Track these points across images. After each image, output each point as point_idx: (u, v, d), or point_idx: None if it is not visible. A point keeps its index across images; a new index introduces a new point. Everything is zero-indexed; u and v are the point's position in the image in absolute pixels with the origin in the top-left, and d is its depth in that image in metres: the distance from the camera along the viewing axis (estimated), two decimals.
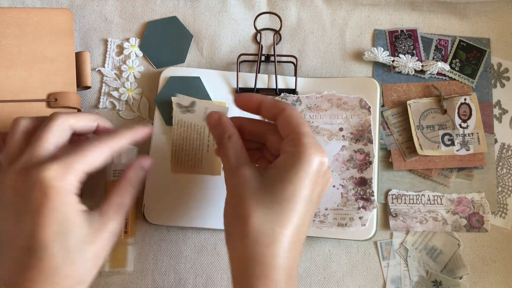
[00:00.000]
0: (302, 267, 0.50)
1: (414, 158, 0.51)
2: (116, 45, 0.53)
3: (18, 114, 0.46)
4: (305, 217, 0.37)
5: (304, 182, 0.37)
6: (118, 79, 0.53)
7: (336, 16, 0.55)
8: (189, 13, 0.54)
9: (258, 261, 0.36)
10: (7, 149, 0.39)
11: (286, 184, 0.37)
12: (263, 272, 0.36)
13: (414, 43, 0.54)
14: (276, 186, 0.37)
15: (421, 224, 0.51)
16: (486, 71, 0.54)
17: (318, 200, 0.39)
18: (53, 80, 0.48)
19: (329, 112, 0.50)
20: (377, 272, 0.51)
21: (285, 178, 0.37)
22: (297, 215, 0.37)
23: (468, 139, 0.51)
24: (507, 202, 0.52)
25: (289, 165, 0.38)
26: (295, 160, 0.37)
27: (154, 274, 0.50)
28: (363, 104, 0.50)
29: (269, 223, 0.36)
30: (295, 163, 0.37)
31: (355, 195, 0.49)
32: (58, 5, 0.54)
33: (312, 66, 0.54)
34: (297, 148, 0.38)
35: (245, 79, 0.52)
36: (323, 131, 0.50)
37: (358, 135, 0.50)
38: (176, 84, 0.51)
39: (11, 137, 0.39)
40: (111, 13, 0.54)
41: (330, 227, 0.49)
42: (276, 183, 0.37)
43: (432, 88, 0.53)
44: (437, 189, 0.51)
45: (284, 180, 0.37)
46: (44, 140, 0.37)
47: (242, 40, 0.54)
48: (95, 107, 0.52)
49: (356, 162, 0.49)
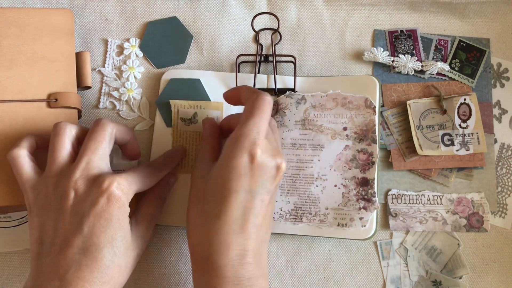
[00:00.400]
0: (302, 267, 0.51)
1: (414, 158, 0.51)
2: (116, 45, 0.53)
3: (18, 114, 0.47)
4: (245, 207, 0.38)
5: (232, 175, 0.38)
6: (118, 79, 0.53)
7: (336, 16, 0.55)
8: (189, 14, 0.54)
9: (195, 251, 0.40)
10: (57, 154, 0.41)
11: (219, 178, 0.39)
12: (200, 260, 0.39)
13: (414, 43, 0.54)
14: (213, 180, 0.40)
15: (421, 224, 0.51)
16: (486, 71, 0.54)
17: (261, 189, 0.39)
18: (54, 80, 0.48)
19: (333, 111, 0.50)
20: (377, 272, 0.51)
21: (219, 172, 0.39)
22: (230, 205, 0.38)
23: (467, 139, 0.51)
24: (506, 202, 0.52)
25: (223, 159, 0.40)
26: (226, 154, 0.39)
27: (154, 274, 0.50)
28: (368, 104, 0.50)
29: (203, 214, 0.39)
30: (226, 157, 0.39)
31: (357, 195, 0.49)
32: (58, 5, 0.54)
33: (312, 66, 0.54)
34: (230, 141, 0.39)
35: (244, 79, 0.52)
36: (327, 130, 0.50)
37: (362, 134, 0.50)
38: (177, 86, 0.51)
39: (58, 143, 0.41)
40: (111, 13, 0.54)
41: (330, 227, 0.49)
42: (214, 178, 0.40)
43: (432, 88, 0.53)
44: (437, 189, 0.52)
45: (217, 175, 0.39)
46: (100, 149, 0.41)
47: (242, 40, 0.54)
48: (95, 107, 0.52)
49: (359, 162, 0.49)
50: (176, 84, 0.51)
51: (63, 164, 0.41)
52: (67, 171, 0.40)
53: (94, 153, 0.40)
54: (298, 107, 0.51)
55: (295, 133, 0.50)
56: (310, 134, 0.50)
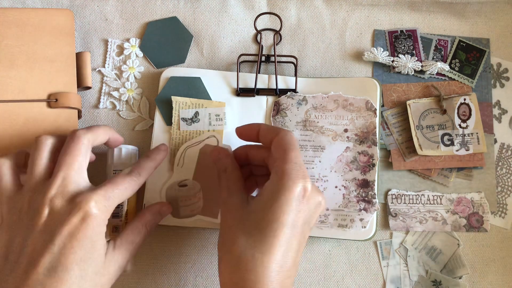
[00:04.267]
0: (302, 267, 0.51)
1: (414, 158, 0.52)
2: (117, 45, 0.53)
3: (18, 114, 0.47)
4: (290, 243, 0.37)
5: (283, 208, 0.37)
6: (119, 79, 0.53)
7: (336, 16, 0.55)
8: (189, 14, 0.54)
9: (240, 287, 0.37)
10: (34, 169, 0.40)
11: (266, 211, 0.38)
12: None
13: (414, 43, 0.54)
14: (258, 213, 0.38)
15: (420, 224, 0.51)
16: (485, 71, 0.54)
17: (304, 225, 0.39)
18: (54, 80, 0.48)
19: (334, 112, 0.50)
20: (377, 272, 0.51)
21: (266, 205, 0.38)
22: (279, 241, 0.37)
23: (467, 139, 0.51)
24: (506, 202, 0.52)
25: (270, 192, 0.38)
26: (276, 187, 0.38)
27: (154, 274, 0.50)
28: (369, 106, 0.50)
29: (250, 250, 0.37)
30: (275, 190, 0.38)
31: (357, 197, 0.49)
32: (59, 5, 0.54)
33: (312, 66, 0.54)
34: (278, 175, 0.38)
35: (245, 79, 0.52)
36: (328, 132, 0.50)
37: (362, 136, 0.50)
38: (177, 84, 0.51)
39: (36, 157, 0.40)
40: (111, 13, 0.54)
41: (330, 228, 0.49)
42: (259, 211, 0.38)
43: (431, 88, 0.53)
44: (437, 189, 0.52)
45: (265, 208, 0.38)
46: (76, 163, 0.39)
47: (242, 40, 0.54)
48: (95, 107, 0.52)
49: (359, 164, 0.49)
50: (176, 82, 0.51)
51: (39, 179, 0.39)
52: (43, 187, 0.38)
53: (70, 168, 0.38)
54: (299, 108, 0.51)
55: (296, 134, 0.50)
56: (311, 135, 0.50)
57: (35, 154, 0.40)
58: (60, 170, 0.38)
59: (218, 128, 0.50)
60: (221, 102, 0.51)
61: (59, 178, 0.38)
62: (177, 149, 0.50)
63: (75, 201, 0.37)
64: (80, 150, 0.39)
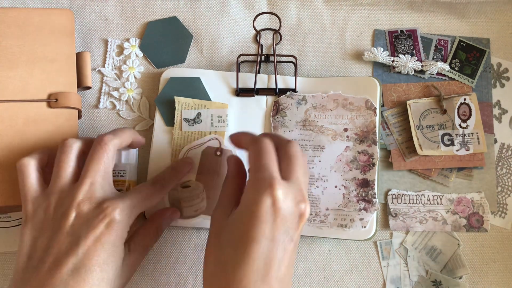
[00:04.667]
0: (302, 267, 0.51)
1: (414, 158, 0.51)
2: (116, 45, 0.53)
3: (18, 114, 0.47)
4: (266, 258, 0.35)
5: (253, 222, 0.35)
6: (118, 79, 0.53)
7: (336, 16, 0.55)
8: (189, 14, 0.54)
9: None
10: (61, 173, 0.41)
11: (238, 224, 0.37)
12: None
13: (414, 43, 0.54)
14: (228, 226, 0.38)
15: (420, 224, 0.51)
16: (485, 71, 0.54)
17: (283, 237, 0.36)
18: (54, 80, 0.48)
19: (334, 112, 0.50)
20: (377, 272, 0.51)
21: (238, 218, 0.37)
22: (249, 256, 0.35)
23: (467, 139, 0.51)
24: (506, 202, 0.52)
25: (242, 204, 0.38)
26: (245, 200, 0.38)
27: (154, 274, 0.50)
28: (369, 105, 0.50)
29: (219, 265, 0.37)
30: (244, 203, 0.37)
31: (357, 197, 0.49)
32: (59, 5, 0.54)
33: (312, 66, 0.54)
34: (247, 187, 0.38)
35: (245, 79, 0.52)
36: (328, 131, 0.50)
37: (362, 136, 0.50)
38: (177, 85, 0.51)
39: (63, 160, 0.41)
40: (111, 13, 0.54)
41: (330, 227, 0.49)
42: (230, 223, 0.38)
43: (432, 88, 0.53)
44: (437, 189, 0.52)
45: (237, 221, 0.37)
46: (102, 168, 0.40)
47: (242, 40, 0.54)
48: (95, 107, 0.52)
49: (359, 163, 0.49)
50: (176, 83, 0.51)
51: (66, 182, 0.40)
52: (70, 191, 0.39)
53: (97, 174, 0.40)
54: (299, 107, 0.51)
55: (296, 133, 0.50)
56: (311, 134, 0.50)
57: (61, 157, 0.41)
58: (87, 176, 0.40)
59: (220, 130, 0.50)
60: (224, 104, 0.51)
61: (86, 183, 0.39)
62: (179, 149, 0.50)
63: (101, 207, 0.38)
64: (107, 157, 0.41)
